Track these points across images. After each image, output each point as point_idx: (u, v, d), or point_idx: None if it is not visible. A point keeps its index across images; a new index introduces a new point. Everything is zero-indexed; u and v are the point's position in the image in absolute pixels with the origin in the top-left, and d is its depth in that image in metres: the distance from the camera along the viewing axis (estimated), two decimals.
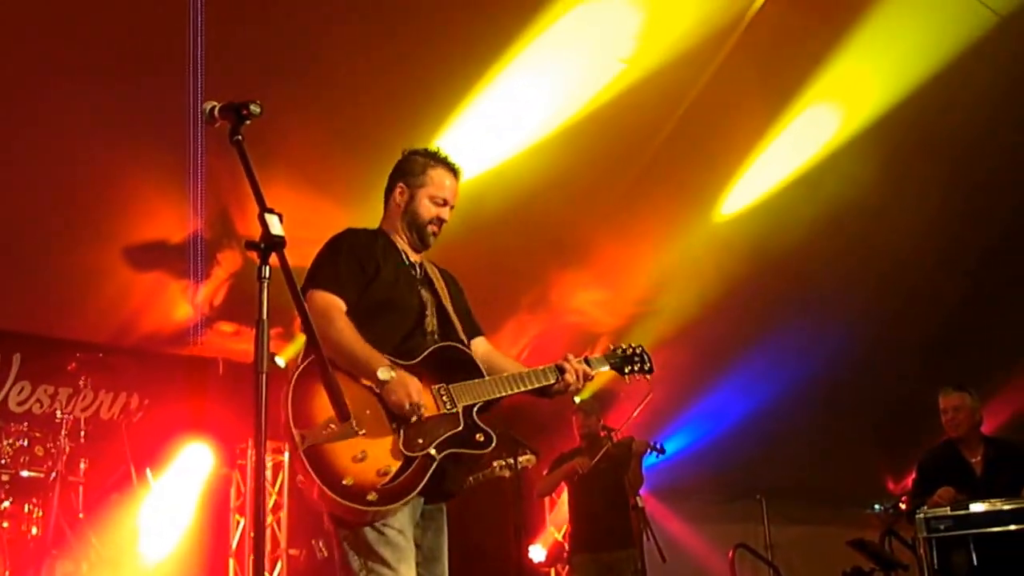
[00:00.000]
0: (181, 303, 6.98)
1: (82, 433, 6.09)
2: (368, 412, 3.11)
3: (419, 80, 5.85)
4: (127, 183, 6.09)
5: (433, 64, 5.78)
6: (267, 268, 2.53)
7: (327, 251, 3.46)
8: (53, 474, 5.77)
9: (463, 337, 3.52)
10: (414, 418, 3.13)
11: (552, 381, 3.53)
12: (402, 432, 3.14)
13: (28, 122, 5.55)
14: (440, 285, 3.61)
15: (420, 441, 3.14)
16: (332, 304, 3.27)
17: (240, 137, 2.74)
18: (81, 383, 6.39)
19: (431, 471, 3.12)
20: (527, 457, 6.78)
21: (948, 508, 5.68)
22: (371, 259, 3.42)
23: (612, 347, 3.87)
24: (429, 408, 3.19)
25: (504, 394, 3.42)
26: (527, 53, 5.91)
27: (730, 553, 8.50)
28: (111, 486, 6.60)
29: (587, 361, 3.63)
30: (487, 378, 3.41)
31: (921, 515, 5.73)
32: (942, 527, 5.64)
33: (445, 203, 3.59)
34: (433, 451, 3.14)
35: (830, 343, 8.74)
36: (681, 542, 9.46)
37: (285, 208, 2.67)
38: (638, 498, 6.86)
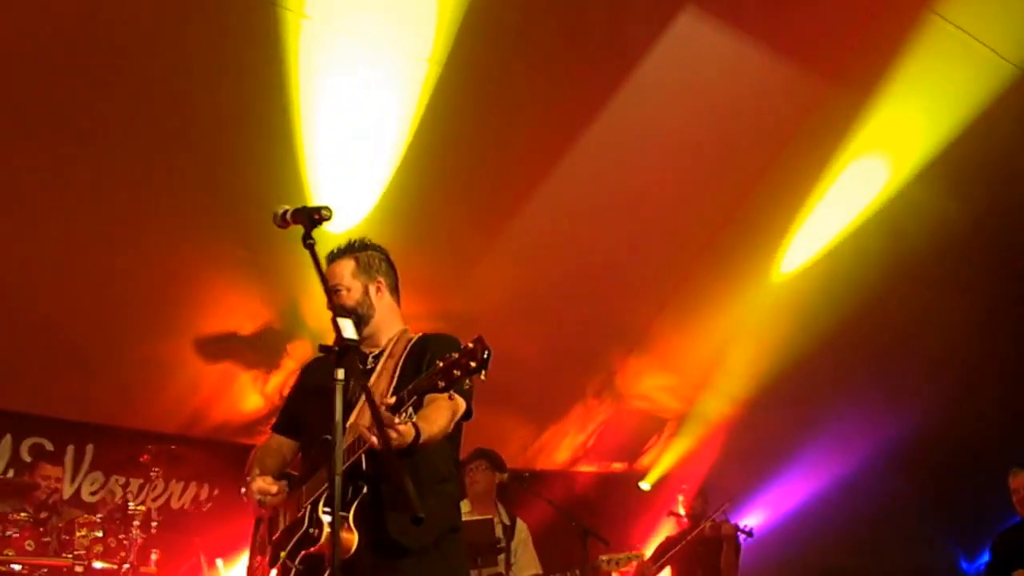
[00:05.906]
0: (251, 393, 7.06)
1: (153, 523, 6.10)
2: None
3: None
4: (200, 277, 6.25)
5: None
6: (342, 371, 2.55)
7: None
8: (126, 565, 5.77)
9: None
10: None
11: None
12: None
13: (105, 220, 5.75)
14: None
15: None
16: None
17: (312, 241, 2.80)
18: (152, 474, 6.41)
19: None
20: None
21: None
22: None
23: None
24: None
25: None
26: None
27: None
28: None
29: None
30: None
31: None
32: None
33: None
34: None
35: (893, 423, 8.53)
36: None
37: None
38: None
